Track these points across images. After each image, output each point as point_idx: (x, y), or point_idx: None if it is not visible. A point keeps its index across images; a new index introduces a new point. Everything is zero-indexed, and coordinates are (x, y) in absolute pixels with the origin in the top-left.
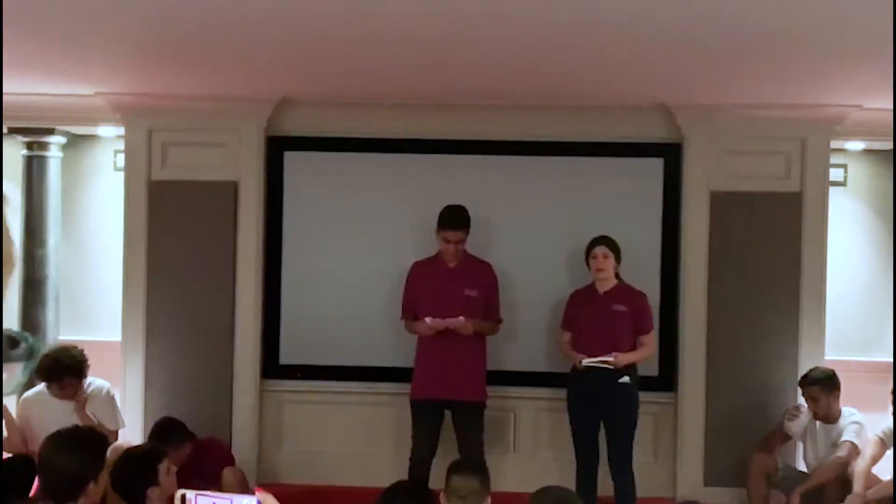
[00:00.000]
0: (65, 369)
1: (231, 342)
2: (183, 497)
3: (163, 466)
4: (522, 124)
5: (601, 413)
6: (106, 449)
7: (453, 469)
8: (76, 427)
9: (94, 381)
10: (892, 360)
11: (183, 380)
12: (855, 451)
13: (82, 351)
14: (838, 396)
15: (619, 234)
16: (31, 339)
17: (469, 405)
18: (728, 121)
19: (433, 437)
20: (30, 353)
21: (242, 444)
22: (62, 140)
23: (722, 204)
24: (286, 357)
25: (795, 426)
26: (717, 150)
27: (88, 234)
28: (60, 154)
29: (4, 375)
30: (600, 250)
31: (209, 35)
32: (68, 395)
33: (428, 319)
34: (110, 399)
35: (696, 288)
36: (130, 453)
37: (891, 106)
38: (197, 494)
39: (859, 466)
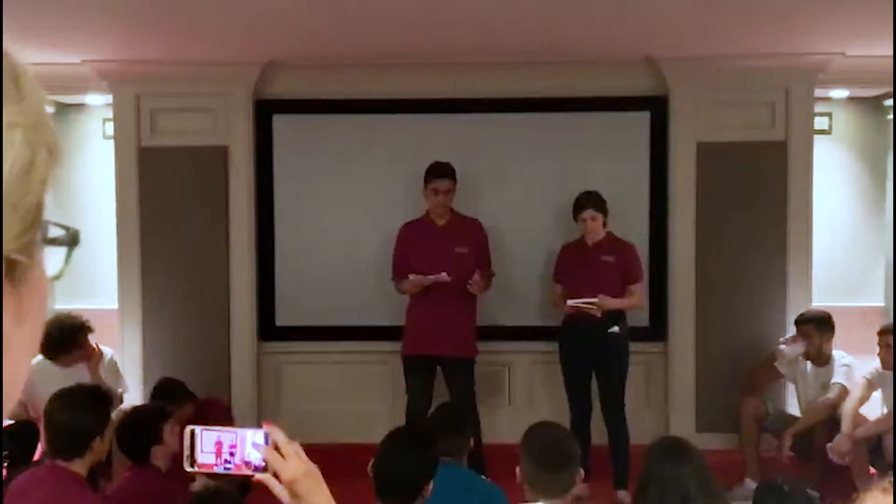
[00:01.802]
0: (66, 339)
1: (227, 306)
2: (192, 433)
3: (167, 426)
4: (509, 81)
5: (593, 363)
6: (110, 406)
7: (433, 426)
8: (80, 385)
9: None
10: (879, 304)
11: (180, 345)
12: (844, 393)
13: (79, 315)
14: (831, 339)
15: (608, 188)
16: (71, 228)
17: (459, 360)
18: (713, 72)
19: (427, 390)
20: (73, 240)
21: (241, 406)
22: (50, 110)
23: (708, 155)
24: (282, 319)
25: (788, 351)
26: (703, 101)
27: (80, 202)
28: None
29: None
30: (588, 214)
31: None
32: (77, 360)
33: (412, 276)
34: (113, 364)
35: (685, 238)
36: (136, 412)
37: (874, 52)
38: (203, 429)
39: (847, 408)
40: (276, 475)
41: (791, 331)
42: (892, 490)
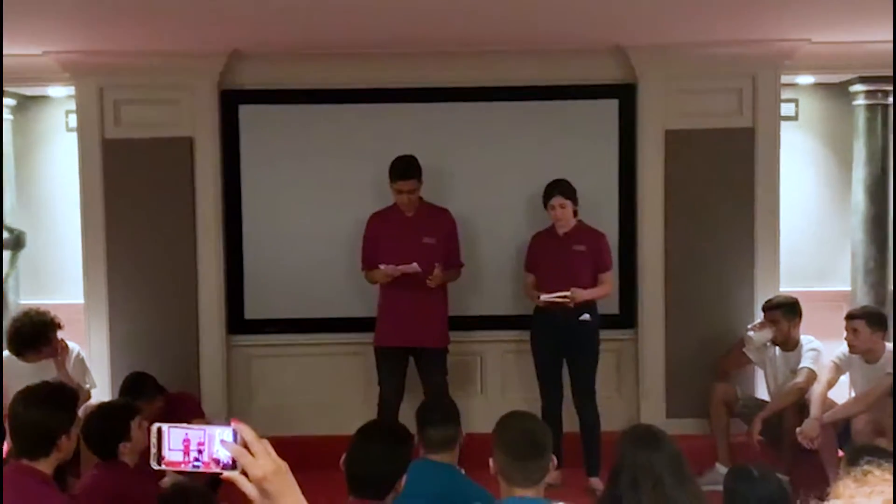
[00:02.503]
0: (37, 336)
1: (195, 300)
2: (159, 430)
3: (134, 423)
4: (478, 70)
5: (564, 351)
6: (76, 403)
7: (425, 420)
8: (45, 382)
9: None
10: (846, 289)
11: (148, 339)
12: (812, 377)
13: (47, 311)
14: (798, 325)
15: (577, 176)
16: (16, 230)
17: (432, 351)
18: (681, 60)
19: (399, 381)
20: (16, 243)
21: (211, 401)
22: (12, 102)
23: (677, 142)
24: (251, 312)
25: (756, 337)
26: (671, 89)
27: (44, 196)
28: (11, 116)
29: None
30: (557, 201)
31: None
32: (45, 356)
33: (382, 266)
34: (80, 361)
35: (654, 226)
36: (103, 408)
37: (839, 39)
38: (170, 427)
39: (815, 391)
40: (245, 473)
41: (759, 316)
42: (866, 479)
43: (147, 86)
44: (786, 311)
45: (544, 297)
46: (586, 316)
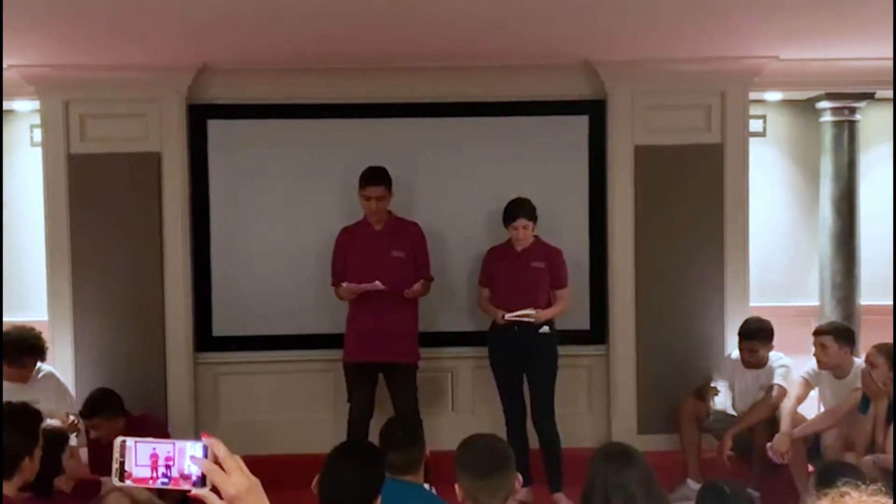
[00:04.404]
0: (29, 349)
1: (162, 317)
2: (122, 444)
3: (65, 454)
4: (447, 85)
5: (523, 365)
6: (39, 424)
7: (387, 444)
8: (8, 403)
9: (42, 366)
10: (814, 304)
11: (115, 357)
12: (783, 393)
13: (40, 333)
14: (772, 347)
15: (547, 191)
16: None
17: (402, 367)
18: (650, 76)
19: (369, 398)
20: None
21: (178, 419)
22: None
23: (646, 158)
24: (219, 329)
25: (718, 400)
26: (641, 105)
27: (8, 212)
28: None
29: None
30: (520, 223)
31: (120, 1)
32: (22, 377)
33: (345, 284)
34: (61, 385)
35: (624, 242)
36: None
37: (807, 56)
38: (136, 441)
39: (785, 406)
40: (215, 490)
41: (730, 329)
42: (843, 500)
43: (114, 100)
44: (763, 339)
45: (509, 316)
46: (545, 328)
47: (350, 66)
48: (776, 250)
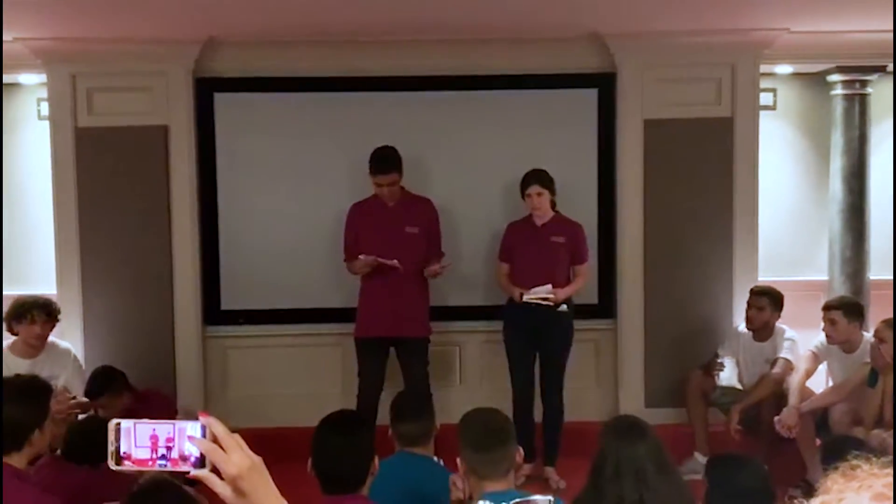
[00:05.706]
0: (41, 307)
1: (170, 291)
2: (117, 427)
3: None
4: (457, 59)
5: (538, 342)
6: (49, 396)
7: (398, 417)
8: (17, 375)
9: (58, 341)
10: (823, 278)
11: (123, 331)
12: (789, 367)
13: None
14: (779, 317)
15: (556, 165)
16: None
17: (413, 341)
18: (660, 48)
19: (379, 373)
20: None
21: (187, 392)
22: None
23: (656, 132)
24: (228, 303)
25: (724, 375)
26: (650, 78)
27: (15, 186)
28: None
29: None
30: (534, 189)
31: None
32: (35, 337)
33: (361, 257)
34: (78, 364)
35: (633, 216)
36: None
37: (818, 28)
38: (135, 423)
39: (794, 381)
40: (216, 470)
41: (738, 306)
42: (854, 473)
43: (121, 73)
44: (773, 301)
45: (527, 296)
46: (564, 307)
47: (358, 39)
48: (785, 224)
